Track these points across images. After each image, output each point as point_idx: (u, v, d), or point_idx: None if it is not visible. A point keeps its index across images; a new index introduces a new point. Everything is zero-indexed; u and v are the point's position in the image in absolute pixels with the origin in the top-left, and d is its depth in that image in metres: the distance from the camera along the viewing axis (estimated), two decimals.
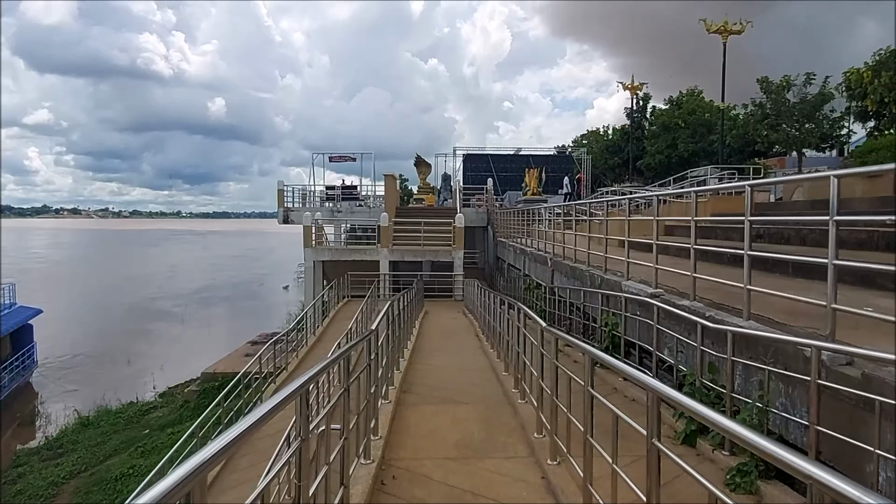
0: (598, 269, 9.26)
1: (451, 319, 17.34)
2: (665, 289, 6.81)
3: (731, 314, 5.17)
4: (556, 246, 12.75)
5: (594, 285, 9.15)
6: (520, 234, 18.75)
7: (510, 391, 6.75)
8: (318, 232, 23.91)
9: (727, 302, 5.71)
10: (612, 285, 8.24)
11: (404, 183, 51.18)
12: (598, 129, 55.93)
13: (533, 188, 34.98)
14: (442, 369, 8.71)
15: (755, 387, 4.44)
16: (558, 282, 12.10)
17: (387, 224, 23.02)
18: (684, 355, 5.75)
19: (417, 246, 23.22)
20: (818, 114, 30.63)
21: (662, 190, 17.79)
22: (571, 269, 10.83)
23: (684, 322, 5.68)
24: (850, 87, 26.33)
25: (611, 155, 49.45)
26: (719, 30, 23.45)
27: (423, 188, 37.26)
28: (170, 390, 24.22)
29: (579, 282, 10.20)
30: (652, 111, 46.71)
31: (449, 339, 12.62)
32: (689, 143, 40.29)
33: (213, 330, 39.97)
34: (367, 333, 4.33)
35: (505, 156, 45.73)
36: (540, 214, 15.96)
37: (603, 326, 8.09)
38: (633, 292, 7.22)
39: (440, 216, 25.35)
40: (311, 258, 23.13)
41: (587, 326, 9.63)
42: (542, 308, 13.23)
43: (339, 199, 30.85)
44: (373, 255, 23.00)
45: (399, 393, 6.71)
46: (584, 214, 11.05)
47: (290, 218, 28.88)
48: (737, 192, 18.88)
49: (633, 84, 33.93)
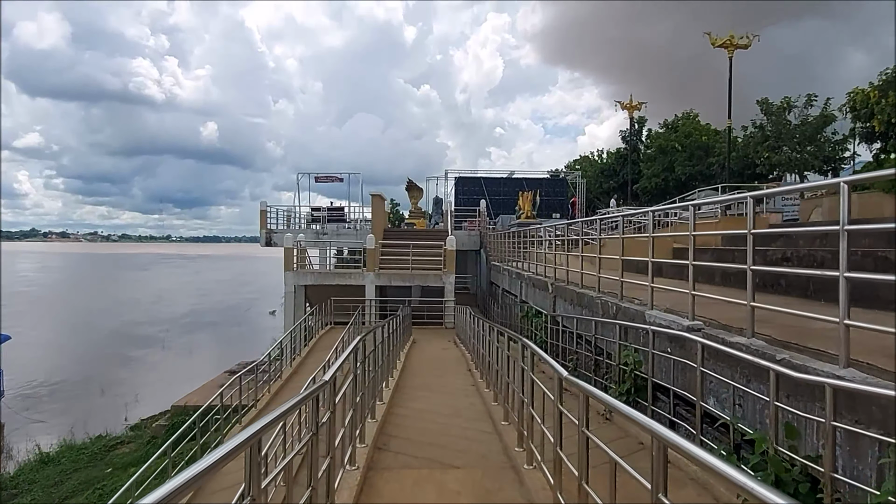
0: (613, 295, 7.94)
1: (442, 350, 15.90)
2: (703, 320, 5.49)
3: (814, 358, 3.84)
4: (559, 269, 11.42)
5: (608, 314, 7.81)
6: (516, 257, 17.43)
7: (512, 449, 5.34)
8: (300, 255, 22.50)
9: (795, 339, 4.40)
10: (632, 315, 6.90)
11: (396, 207, 50.24)
12: (590, 155, 55.32)
13: (527, 211, 33.87)
14: (428, 415, 7.28)
15: (873, 468, 3.09)
16: (561, 309, 10.75)
17: (373, 246, 21.67)
18: (743, 409, 4.39)
19: (406, 270, 21.86)
20: (820, 136, 29.90)
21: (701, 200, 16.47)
22: (578, 295, 9.50)
23: (743, 366, 4.35)
24: (856, 108, 25.50)
25: (605, 178, 48.62)
26: (724, 44, 22.60)
27: (415, 212, 36.21)
28: (142, 423, 22.64)
29: (588, 310, 8.86)
30: (647, 134, 46.00)
31: (438, 375, 11.17)
32: (686, 166, 39.45)
33: (194, 357, 38.68)
34: (316, 388, 2.95)
35: (498, 179, 44.70)
36: (539, 235, 14.68)
37: (622, 364, 6.72)
38: (661, 324, 5.89)
39: (431, 239, 24.06)
40: (291, 282, 21.69)
41: (598, 362, 8.28)
42: (542, 339, 11.86)
43: (324, 220, 29.55)
44: (358, 280, 21.59)
45: (372, 452, 5.29)
46: (592, 233, 9.78)
47: (273, 240, 27.53)
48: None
49: (630, 103, 33.01)
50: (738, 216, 16.85)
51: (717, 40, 22.82)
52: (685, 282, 8.18)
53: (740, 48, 22.79)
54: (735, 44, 22.66)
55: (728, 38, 22.60)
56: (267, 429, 1.88)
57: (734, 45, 22.68)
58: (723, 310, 5.83)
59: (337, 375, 3.70)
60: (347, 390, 4.34)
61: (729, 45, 22.65)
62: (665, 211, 17.41)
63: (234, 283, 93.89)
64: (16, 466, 19.29)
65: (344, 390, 4.07)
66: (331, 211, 30.43)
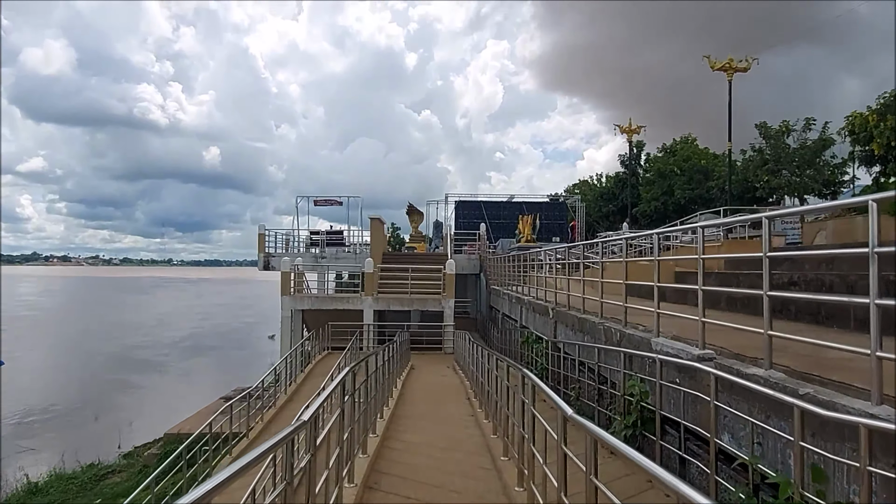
0: (616, 321, 7.62)
1: (440, 377, 15.50)
2: (714, 348, 5.17)
3: (841, 392, 3.52)
4: (560, 294, 11.10)
5: (611, 341, 7.48)
6: (516, 281, 17.11)
7: (512, 489, 4.98)
8: (297, 279, 22.18)
9: (815, 371, 4.08)
10: (637, 342, 6.58)
11: (396, 231, 50.15)
12: (589, 179, 55.44)
13: (527, 235, 33.66)
14: (424, 449, 6.91)
15: None
16: (563, 335, 10.41)
17: (372, 270, 21.37)
18: (763, 447, 4.05)
19: (405, 294, 21.52)
20: (819, 159, 29.81)
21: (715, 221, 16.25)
22: (579, 321, 9.17)
23: (762, 400, 4.02)
24: (854, 132, 25.43)
25: (605, 202, 48.52)
26: (724, 67, 22.57)
27: (415, 236, 36.05)
28: (135, 451, 22.11)
29: (590, 336, 8.53)
30: (646, 158, 46.06)
31: (436, 403, 10.78)
32: (685, 190, 39.35)
33: (192, 382, 38.37)
34: (290, 432, 2.63)
35: (498, 203, 44.59)
36: (539, 259, 14.36)
37: (627, 395, 6.37)
38: (669, 353, 5.57)
39: (430, 262, 23.78)
40: (289, 307, 21.34)
41: (601, 391, 7.92)
42: (543, 365, 11.49)
43: (323, 244, 29.28)
44: (356, 304, 21.25)
45: (362, 491, 4.94)
46: (593, 257, 9.49)
47: (271, 264, 27.23)
48: (752, 235, 17.50)
49: (629, 127, 33.00)
50: (740, 240, 16.56)
51: (717, 63, 22.81)
52: (689, 307, 7.91)
53: (739, 71, 22.77)
54: (734, 67, 22.64)
55: (727, 61, 22.59)
56: (218, 490, 1.56)
57: (733, 68, 22.66)
58: (732, 337, 5.53)
59: (320, 412, 3.39)
60: (334, 426, 4.01)
61: (728, 68, 22.63)
62: (666, 234, 17.16)
63: (234, 307, 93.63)
64: (2, 497, 18.74)
65: (328, 428, 3.74)
66: (330, 235, 30.20)
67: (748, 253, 12.25)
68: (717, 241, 15.00)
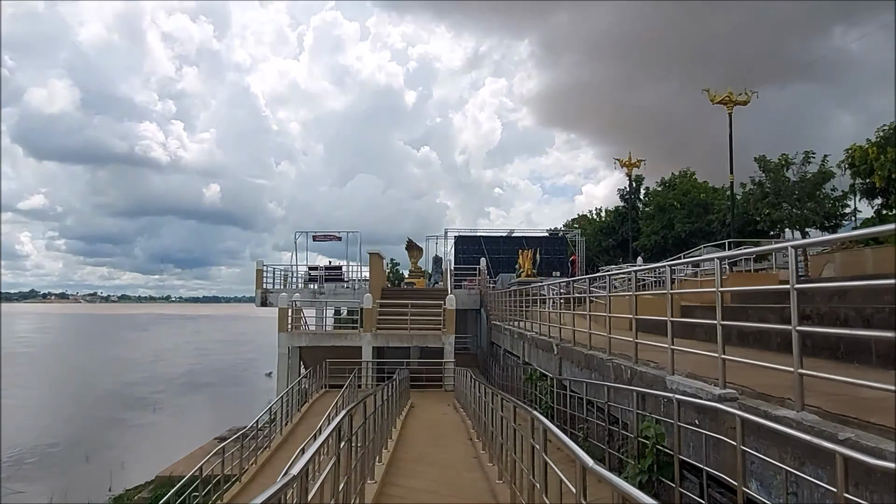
0: (626, 357, 7.29)
1: (441, 415, 15.02)
2: (735, 387, 4.85)
3: (885, 437, 3.20)
4: (564, 329, 10.77)
5: (622, 379, 7.14)
6: (518, 316, 16.76)
7: None
8: (295, 315, 21.81)
9: (850, 412, 3.76)
10: (651, 381, 6.24)
11: (396, 267, 49.91)
12: (588, 214, 55.55)
13: (527, 270, 33.40)
14: (425, 496, 6.49)
15: None
16: (568, 372, 10.04)
17: (371, 306, 21.02)
18: (798, 498, 3.70)
19: (404, 330, 21.12)
20: (819, 192, 29.79)
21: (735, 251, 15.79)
22: (586, 357, 8.82)
23: (795, 445, 3.69)
24: (854, 164, 25.44)
25: (605, 237, 48.40)
26: (724, 100, 22.65)
27: (414, 272, 35.78)
28: (126, 493, 21.42)
29: (598, 373, 8.18)
30: (646, 192, 46.15)
31: (437, 444, 10.33)
32: (685, 224, 39.26)
33: (187, 420, 37.87)
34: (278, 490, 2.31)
35: (497, 237, 44.44)
36: (542, 293, 14.07)
37: (641, 437, 6.01)
38: (687, 393, 5.23)
39: (430, 298, 23.43)
40: (286, 343, 20.92)
41: (611, 432, 7.54)
42: (548, 404, 11.08)
43: (322, 280, 28.98)
44: (355, 341, 20.83)
45: None
46: (599, 291, 9.20)
47: (269, 300, 26.87)
48: (757, 269, 17.26)
49: (629, 161, 33.07)
50: (746, 273, 16.30)
51: (716, 97, 22.92)
52: (697, 342, 7.59)
53: (739, 104, 22.85)
54: (734, 100, 22.72)
55: (727, 94, 22.69)
56: None
57: (733, 101, 22.74)
58: (751, 375, 5.22)
59: (315, 458, 3.07)
60: (328, 476, 3.67)
61: (728, 101, 22.71)
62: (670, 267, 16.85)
63: (232, 343, 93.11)
64: None
65: (322, 479, 3.40)
66: (328, 270, 29.92)
67: (761, 285, 12.01)
68: (724, 275, 14.72)
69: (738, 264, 16.92)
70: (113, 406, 40.92)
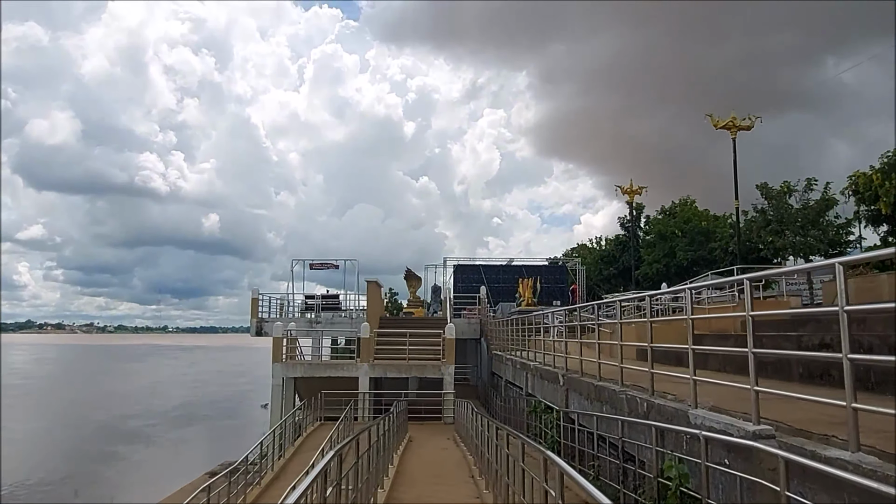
0: (640, 389, 6.77)
1: (441, 450, 14.34)
2: (769, 423, 4.34)
3: None
4: (570, 359, 10.24)
5: (637, 413, 6.61)
6: (520, 345, 16.20)
7: None
8: (290, 345, 21.21)
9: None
10: (670, 415, 5.72)
11: (394, 297, 49.41)
12: (587, 243, 55.22)
13: (528, 299, 32.84)
14: None
15: None
16: (576, 405, 9.48)
17: (368, 335, 20.44)
18: None
19: (402, 360, 20.48)
20: (822, 219, 29.52)
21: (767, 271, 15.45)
22: (596, 389, 8.29)
23: (852, 492, 3.18)
24: (859, 191, 25.20)
25: (605, 265, 48.00)
26: (727, 125, 22.44)
27: (413, 302, 35.25)
28: None
29: (609, 406, 7.65)
30: (646, 220, 45.91)
31: (438, 485, 9.69)
32: (687, 252, 38.92)
33: (180, 453, 37.18)
34: None
35: (496, 266, 44.02)
36: (546, 321, 13.55)
37: (661, 477, 5.46)
38: (715, 429, 4.72)
39: (429, 327, 22.87)
40: (280, 374, 20.26)
41: (625, 470, 6.97)
42: (554, 438, 10.48)
43: (319, 309, 28.45)
44: (351, 372, 20.18)
45: None
46: (607, 318, 8.71)
47: (264, 330, 26.30)
48: (766, 296, 16.75)
49: (631, 188, 32.83)
50: (755, 300, 15.79)
51: (719, 122, 22.71)
52: (711, 372, 7.10)
53: (743, 129, 22.64)
54: (737, 125, 22.52)
55: (730, 119, 22.49)
56: None
57: (736, 126, 22.54)
58: (780, 409, 4.74)
59: None
60: None
61: (731, 126, 22.50)
62: (675, 295, 16.41)
63: (229, 374, 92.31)
64: None
65: None
66: (325, 299, 29.40)
67: (775, 310, 11.51)
68: (733, 302, 14.21)
69: (742, 293, 16.42)
70: (105, 439, 39.96)
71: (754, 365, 4.36)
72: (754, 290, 17.26)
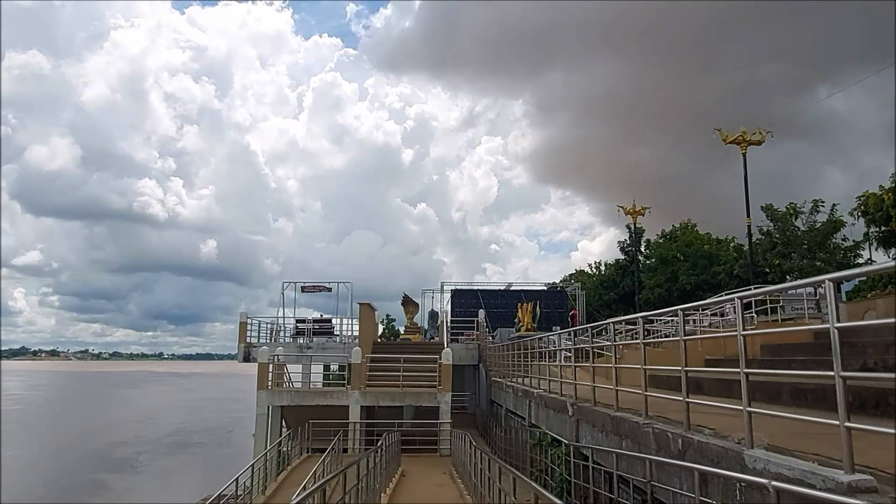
0: (669, 422, 5.71)
1: (436, 487, 13.14)
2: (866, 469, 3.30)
3: None
4: (581, 386, 9.16)
5: (669, 451, 5.53)
6: (522, 371, 15.08)
7: None
8: (276, 371, 20.02)
9: None
10: (716, 455, 4.66)
11: (391, 323, 48.38)
12: (586, 269, 54.40)
13: (527, 324, 31.74)
14: None
15: None
16: (588, 438, 8.37)
17: (359, 361, 19.30)
18: None
19: (396, 388, 19.30)
20: (829, 242, 28.73)
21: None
22: (613, 420, 7.20)
23: None
24: (869, 211, 24.38)
25: (605, 290, 46.96)
26: (736, 140, 21.65)
27: (410, 328, 34.20)
28: None
29: (632, 441, 6.56)
30: (647, 244, 45.07)
31: None
32: (690, 276, 37.97)
33: (168, 483, 35.81)
34: None
35: (495, 291, 42.91)
36: (553, 344, 12.48)
37: None
38: (784, 476, 3.66)
39: (424, 352, 21.71)
40: (265, 402, 19.04)
41: None
42: (563, 476, 9.33)
43: (310, 333, 27.28)
44: (341, 400, 18.99)
45: None
46: (630, 336, 7.67)
47: (253, 355, 25.08)
48: (775, 320, 15.72)
49: (633, 209, 31.97)
50: (772, 322, 14.81)
51: (728, 136, 21.92)
52: (734, 400, 6.05)
53: (754, 144, 21.84)
54: (748, 140, 21.72)
55: (740, 133, 21.69)
56: None
57: (746, 140, 21.74)
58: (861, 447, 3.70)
59: None
60: None
61: (742, 140, 21.71)
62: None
63: (224, 401, 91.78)
64: None
65: None
66: (317, 323, 28.25)
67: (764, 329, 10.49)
68: (752, 324, 13.20)
69: (766, 314, 15.46)
70: (95, 467, 39.68)
71: (843, 393, 3.32)
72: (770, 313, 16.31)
